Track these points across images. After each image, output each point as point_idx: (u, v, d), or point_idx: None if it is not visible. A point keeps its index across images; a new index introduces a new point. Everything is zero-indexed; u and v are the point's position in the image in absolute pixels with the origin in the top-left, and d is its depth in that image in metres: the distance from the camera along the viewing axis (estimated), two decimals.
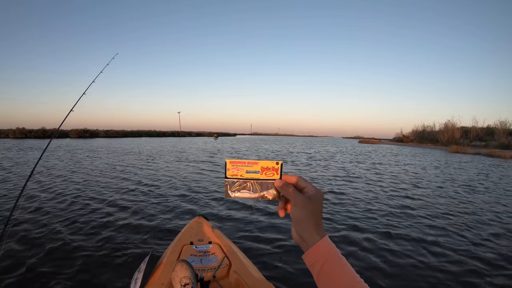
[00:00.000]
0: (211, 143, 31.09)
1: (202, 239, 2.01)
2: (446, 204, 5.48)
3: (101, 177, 7.44)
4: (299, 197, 0.48)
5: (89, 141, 26.54)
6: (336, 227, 3.91)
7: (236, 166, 0.53)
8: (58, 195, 5.30)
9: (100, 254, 2.90)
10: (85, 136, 35.96)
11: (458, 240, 3.61)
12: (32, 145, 18.67)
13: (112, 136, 40.86)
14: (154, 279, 1.57)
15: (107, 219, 3.97)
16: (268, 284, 1.52)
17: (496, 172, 11.41)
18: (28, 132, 32.60)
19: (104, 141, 27.60)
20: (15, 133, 31.75)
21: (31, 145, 19.18)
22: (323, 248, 0.47)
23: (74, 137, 33.78)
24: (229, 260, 1.71)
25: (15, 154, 12.72)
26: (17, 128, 32.42)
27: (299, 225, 0.49)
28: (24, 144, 19.78)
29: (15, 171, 7.99)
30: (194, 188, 6.29)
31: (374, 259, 2.98)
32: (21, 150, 14.83)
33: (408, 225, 4.10)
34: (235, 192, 0.53)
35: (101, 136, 39.06)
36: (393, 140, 51.79)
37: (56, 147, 17.66)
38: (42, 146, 18.01)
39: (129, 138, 38.70)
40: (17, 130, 32.17)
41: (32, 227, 3.59)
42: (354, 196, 5.88)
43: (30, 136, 32.10)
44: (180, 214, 4.35)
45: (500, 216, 4.79)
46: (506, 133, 28.57)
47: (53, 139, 2.90)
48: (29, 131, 32.82)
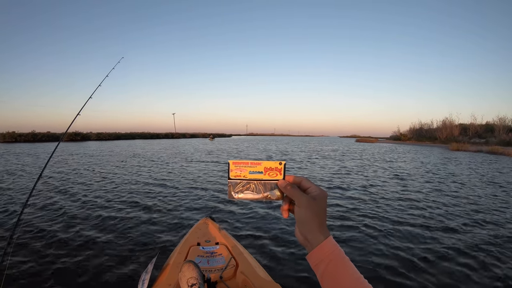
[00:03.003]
0: (209, 144, 30.52)
1: (209, 240, 2.00)
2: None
3: (105, 179, 7.35)
4: (303, 198, 0.47)
5: (81, 144, 25.72)
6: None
7: (239, 167, 0.52)
8: (65, 194, 5.43)
9: (107, 256, 2.88)
10: (77, 139, 35.12)
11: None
12: (21, 151, 17.78)
13: (104, 139, 39.96)
14: (161, 280, 1.57)
15: (113, 221, 3.98)
16: (275, 284, 1.49)
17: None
18: (18, 136, 31.59)
19: (97, 144, 26.79)
20: (4, 137, 30.73)
21: (21, 150, 18.31)
22: (327, 248, 0.46)
23: (65, 141, 32.83)
24: (236, 261, 1.69)
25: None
26: (7, 132, 31.41)
27: (303, 225, 0.48)
28: (14, 149, 18.88)
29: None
30: (201, 189, 6.29)
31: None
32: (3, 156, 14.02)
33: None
34: (239, 193, 0.53)
35: (93, 139, 38.20)
36: (390, 139, 51.78)
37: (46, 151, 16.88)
38: (29, 152, 17.23)
39: (123, 141, 37.88)
40: (7, 134, 31.16)
41: (42, 224, 3.78)
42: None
43: (20, 140, 31.19)
44: (187, 215, 4.33)
45: None
46: (506, 129, 28.28)
47: (60, 142, 2.88)
48: (19, 135, 31.86)
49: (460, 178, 8.52)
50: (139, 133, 51.71)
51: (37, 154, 14.91)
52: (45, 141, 31.90)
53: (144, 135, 51.65)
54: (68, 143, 28.01)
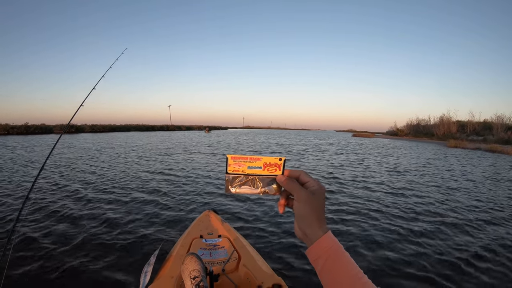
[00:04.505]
0: (207, 137, 30.18)
1: (211, 232, 1.99)
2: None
3: (106, 173, 7.29)
4: (302, 192, 0.47)
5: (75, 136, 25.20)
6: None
7: (237, 162, 0.52)
8: (64, 190, 5.39)
9: (109, 249, 2.88)
10: (71, 131, 34.34)
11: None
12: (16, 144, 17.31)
13: (98, 131, 39.27)
14: (163, 272, 1.56)
15: (115, 214, 3.96)
16: (277, 278, 1.49)
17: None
18: (10, 128, 30.85)
19: (93, 137, 26.23)
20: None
21: (13, 142, 17.82)
22: (326, 244, 0.46)
23: (58, 132, 32.19)
24: (239, 254, 1.69)
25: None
26: (0, 124, 30.64)
27: (302, 220, 0.48)
28: (7, 142, 18.39)
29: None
30: (203, 181, 6.28)
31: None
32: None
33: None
34: (236, 187, 0.52)
35: (87, 131, 37.48)
36: (386, 134, 51.78)
37: (40, 143, 16.46)
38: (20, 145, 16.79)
39: (118, 133, 37.35)
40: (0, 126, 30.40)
41: (44, 219, 3.76)
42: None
43: (13, 132, 30.35)
44: (190, 208, 4.31)
45: None
46: (504, 127, 28.33)
47: (63, 134, 2.87)
48: (11, 127, 31.10)
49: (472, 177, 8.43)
50: (134, 125, 50.90)
51: (31, 147, 14.52)
52: (38, 133, 31.22)
53: (139, 127, 50.86)
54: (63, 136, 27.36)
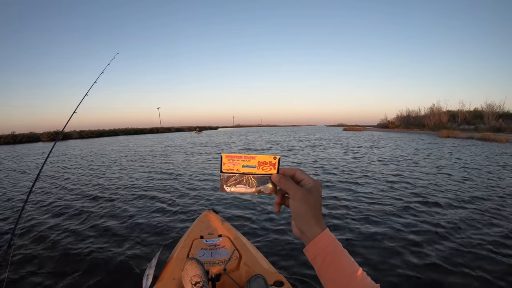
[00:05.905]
0: (198, 138, 29.59)
1: (212, 232, 1.99)
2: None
3: (102, 177, 7.29)
4: (298, 190, 0.47)
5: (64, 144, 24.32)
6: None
7: (232, 161, 0.52)
8: (65, 194, 5.46)
9: (110, 252, 2.87)
10: (59, 138, 33.02)
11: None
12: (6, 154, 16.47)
13: (86, 137, 38.09)
14: (165, 274, 1.55)
15: (115, 217, 3.96)
16: (278, 274, 1.48)
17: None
18: None
19: (82, 143, 25.41)
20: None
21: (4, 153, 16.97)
22: (324, 241, 0.46)
23: (46, 141, 31.03)
24: (239, 253, 1.69)
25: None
26: None
27: (299, 218, 0.47)
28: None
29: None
30: (202, 182, 6.28)
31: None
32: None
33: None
34: (231, 186, 0.52)
35: (75, 137, 36.30)
36: (377, 126, 52.16)
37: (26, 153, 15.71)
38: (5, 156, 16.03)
39: (106, 138, 36.35)
40: None
41: (43, 224, 3.73)
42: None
43: (0, 142, 28.97)
44: (189, 208, 4.31)
45: None
46: (494, 116, 28.40)
47: (57, 141, 2.83)
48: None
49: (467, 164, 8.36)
50: (123, 129, 49.69)
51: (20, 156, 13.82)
52: (25, 142, 29.92)
53: (128, 131, 49.64)
54: (50, 143, 26.44)
